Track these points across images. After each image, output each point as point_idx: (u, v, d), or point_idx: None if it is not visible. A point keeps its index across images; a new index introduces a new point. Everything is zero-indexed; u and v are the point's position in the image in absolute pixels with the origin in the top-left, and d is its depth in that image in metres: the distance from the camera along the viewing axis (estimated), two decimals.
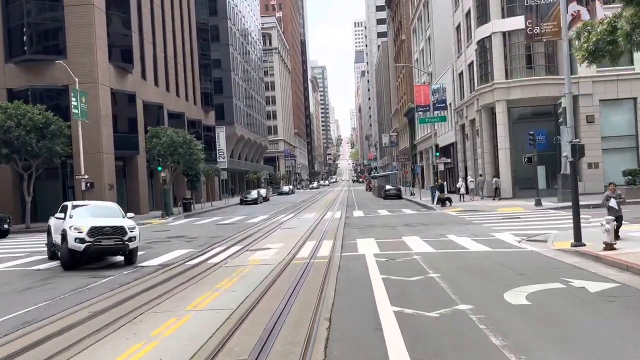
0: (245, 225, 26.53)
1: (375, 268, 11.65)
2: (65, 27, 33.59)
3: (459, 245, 15.02)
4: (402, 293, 9.08)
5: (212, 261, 14.25)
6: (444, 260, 12.51)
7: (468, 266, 11.69)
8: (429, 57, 55.74)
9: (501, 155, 33.54)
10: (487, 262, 12.17)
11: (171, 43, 48.55)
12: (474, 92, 37.05)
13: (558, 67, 32.54)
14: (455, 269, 11.37)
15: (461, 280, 10.00)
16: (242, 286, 10.36)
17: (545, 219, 21.49)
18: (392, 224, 22.61)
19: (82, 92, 30.70)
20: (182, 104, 50.09)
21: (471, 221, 22.13)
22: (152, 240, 21.05)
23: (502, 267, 11.38)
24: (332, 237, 18.40)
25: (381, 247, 15.17)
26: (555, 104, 33.22)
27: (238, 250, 16.43)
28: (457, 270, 11.21)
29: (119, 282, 11.73)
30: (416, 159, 71.24)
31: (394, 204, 39.78)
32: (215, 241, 19.42)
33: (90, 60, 33.59)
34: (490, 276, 10.37)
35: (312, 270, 11.84)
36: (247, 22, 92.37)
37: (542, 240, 15.80)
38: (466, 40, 39.94)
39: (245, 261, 13.90)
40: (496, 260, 12.30)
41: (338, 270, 11.61)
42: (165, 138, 34.51)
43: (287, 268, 12.34)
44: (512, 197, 33.10)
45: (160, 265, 14.02)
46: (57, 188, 36.14)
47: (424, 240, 16.32)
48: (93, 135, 33.37)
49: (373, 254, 13.85)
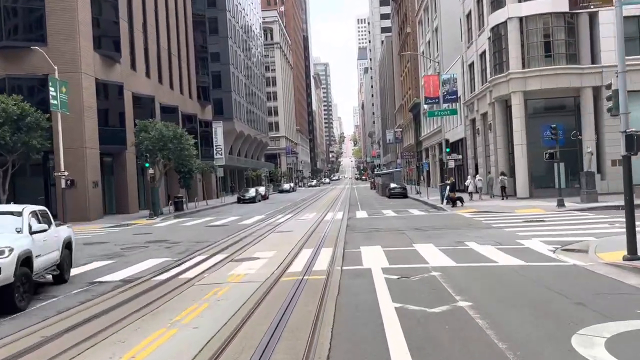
0: (238, 227, 24.05)
1: (385, 291, 9.13)
2: (46, 12, 31.04)
3: (483, 257, 12.49)
4: (425, 336, 6.55)
5: (186, 276, 11.76)
6: (470, 279, 10.00)
7: (503, 288, 9.17)
8: (435, 49, 53.10)
9: (517, 151, 30.91)
10: (526, 282, 9.64)
11: (165, 33, 46.02)
12: (487, 83, 34.43)
13: (580, 56, 29.93)
14: (488, 292, 8.85)
15: (502, 314, 7.47)
16: (209, 319, 7.85)
17: (573, 223, 18.93)
18: (400, 228, 20.09)
19: (61, 82, 28.17)
20: (176, 97, 47.58)
21: (490, 225, 19.58)
22: (128, 245, 18.58)
23: (548, 290, 8.85)
24: (332, 244, 15.90)
25: (390, 259, 12.65)
26: (575, 96, 30.63)
27: (221, 260, 13.93)
28: (491, 295, 8.68)
29: (56, 307, 9.22)
30: (421, 156, 68.67)
31: (400, 203, 37.24)
32: (199, 247, 16.94)
33: (72, 47, 31.09)
34: (538, 306, 7.84)
35: (304, 293, 9.33)
36: (248, 14, 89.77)
37: (582, 250, 13.27)
38: (478, 28, 37.31)
39: (225, 277, 11.40)
40: (535, 278, 9.77)
41: (338, 294, 9.09)
42: (154, 132, 31.99)
43: (273, 289, 9.83)
44: (528, 196, 30.51)
45: (122, 282, 11.53)
46: (38, 185, 33.72)
47: (440, 250, 13.80)
48: (75, 128, 30.93)
49: (381, 268, 11.34)
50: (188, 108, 50.76)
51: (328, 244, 15.93)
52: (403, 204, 36.35)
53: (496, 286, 9.36)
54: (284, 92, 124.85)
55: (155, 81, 42.96)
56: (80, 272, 13.06)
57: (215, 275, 11.66)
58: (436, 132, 54.17)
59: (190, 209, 38.78)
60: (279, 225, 23.82)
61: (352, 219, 25.34)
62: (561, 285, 9.10)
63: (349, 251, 14.37)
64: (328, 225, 22.66)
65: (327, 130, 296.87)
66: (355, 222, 23.53)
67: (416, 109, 69.16)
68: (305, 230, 20.55)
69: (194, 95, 53.82)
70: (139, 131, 32.64)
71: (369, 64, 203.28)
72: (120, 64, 36.01)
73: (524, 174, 30.71)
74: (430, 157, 59.99)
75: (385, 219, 24.90)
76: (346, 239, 17.12)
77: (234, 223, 26.45)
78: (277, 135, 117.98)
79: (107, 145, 34.10)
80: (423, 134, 64.70)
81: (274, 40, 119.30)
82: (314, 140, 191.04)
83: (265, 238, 18.92)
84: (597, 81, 29.66)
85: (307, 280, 10.42)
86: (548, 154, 24.96)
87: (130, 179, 36.80)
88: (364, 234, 18.71)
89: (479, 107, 37.84)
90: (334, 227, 21.36)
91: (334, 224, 23.12)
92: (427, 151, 62.80)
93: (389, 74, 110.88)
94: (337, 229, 20.47)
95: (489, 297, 8.52)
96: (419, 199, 38.68)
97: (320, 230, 20.59)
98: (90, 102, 32.05)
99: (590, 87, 29.82)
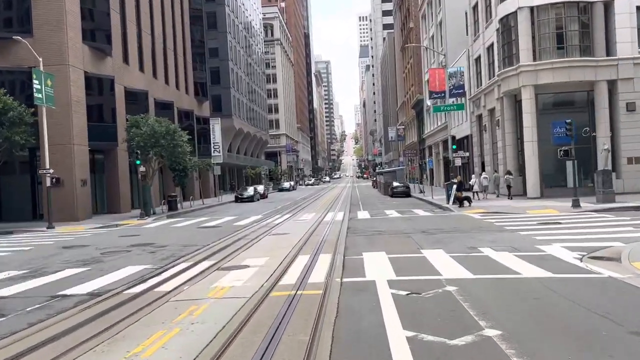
0: (232, 228, 22.54)
1: (392, 312, 7.61)
2: (31, 1, 29.51)
3: (502, 267, 10.96)
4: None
5: (163, 288, 10.25)
6: (493, 296, 8.48)
7: (535, 309, 7.63)
8: (440, 44, 51.51)
9: (527, 149, 29.32)
10: (560, 300, 8.11)
11: (160, 27, 44.47)
12: (495, 77, 32.86)
13: (594, 48, 28.32)
14: (518, 316, 7.32)
15: (543, 349, 5.93)
16: (175, 353, 6.33)
17: (593, 226, 17.39)
18: (406, 230, 18.56)
19: (46, 74, 26.72)
20: (171, 92, 46.05)
21: (502, 227, 18.04)
22: (110, 249, 17.07)
23: (590, 312, 7.32)
24: (331, 249, 14.39)
25: (397, 268, 11.13)
26: (589, 90, 29.06)
27: (207, 268, 12.42)
28: (522, 319, 7.15)
29: (6, 327, 7.72)
30: (424, 154, 67.12)
31: (403, 203, 35.72)
32: (186, 252, 15.44)
33: (59, 39, 29.55)
34: (586, 337, 6.31)
35: (296, 314, 7.81)
36: (247, 10, 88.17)
37: (612, 259, 11.75)
38: (485, 20, 35.72)
39: (207, 290, 9.88)
40: (570, 295, 8.25)
41: (336, 316, 7.56)
42: (145, 128, 30.47)
43: (260, 308, 8.30)
44: (539, 196, 28.95)
45: (88, 295, 10.02)
46: (25, 183, 32.25)
47: (452, 257, 12.27)
48: (63, 124, 29.45)
49: (387, 281, 9.82)
50: (184, 104, 49.25)
51: (327, 250, 14.41)
52: (407, 203, 34.83)
53: (525, 307, 7.82)
54: (285, 89, 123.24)
55: (150, 76, 41.43)
56: (47, 282, 11.57)
57: (196, 288, 10.15)
58: (440, 129, 52.60)
59: (185, 209, 37.28)
60: (275, 227, 22.30)
61: (354, 220, 23.82)
62: (604, 306, 7.56)
63: (350, 258, 12.85)
64: (328, 227, 21.14)
65: (328, 129, 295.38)
66: (357, 224, 22.01)
67: (419, 105, 67.58)
68: (302, 233, 19.03)
69: (190, 91, 52.29)
70: (130, 127, 31.11)
71: (370, 61, 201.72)
72: (111, 57, 34.47)
73: (534, 172, 29.13)
74: (434, 155, 58.43)
75: (388, 220, 23.36)
76: (347, 244, 15.60)
77: (229, 224, 24.95)
78: (277, 133, 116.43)
79: (97, 141, 32.60)
80: (426, 131, 63.13)
81: (274, 37, 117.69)
82: (315, 139, 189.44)
83: (259, 242, 17.40)
84: (612, 74, 28.10)
85: (301, 297, 8.90)
86: (563, 151, 23.42)
87: (122, 177, 35.29)
88: (366, 237, 17.19)
89: (486, 102, 36.27)
90: (334, 230, 19.84)
91: (334, 225, 21.60)
92: (430, 149, 61.24)
93: (391, 71, 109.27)
94: (337, 232, 18.95)
95: (520, 322, 6.99)
96: (423, 198, 37.14)
97: (319, 232, 19.07)
98: (79, 96, 30.52)
99: (605, 80, 28.24)
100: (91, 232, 24.05)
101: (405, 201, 37.66)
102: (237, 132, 74.48)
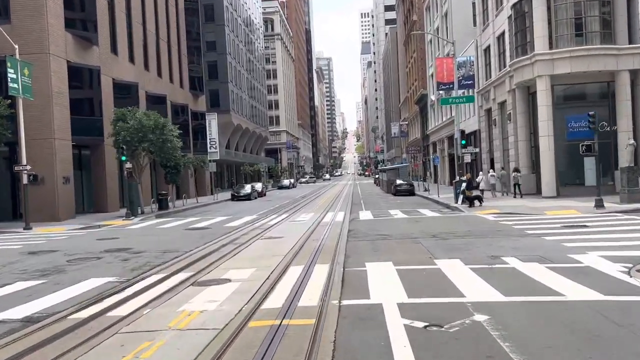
0: (222, 230, 20.54)
1: (408, 356, 5.58)
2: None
3: (538, 284, 8.93)
4: None
5: (118, 312, 8.24)
6: (538, 331, 6.45)
7: (600, 354, 5.62)
8: (445, 36, 49.38)
9: (542, 144, 27.22)
10: (628, 336, 6.08)
11: (152, 17, 42.42)
12: (507, 67, 30.76)
13: (616, 35, 26.20)
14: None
15: None
16: None
17: (624, 230, 15.36)
18: (413, 234, 16.53)
19: (23, 63, 24.68)
20: (164, 85, 44.00)
21: (523, 231, 16.00)
22: (80, 255, 15.05)
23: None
24: (329, 258, 12.37)
25: (408, 286, 9.09)
26: (609, 81, 26.97)
27: (180, 282, 10.41)
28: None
29: None
30: (428, 150, 65.08)
31: (408, 201, 33.70)
32: (163, 260, 13.44)
33: (39, 25, 27.49)
34: None
35: (278, 356, 5.79)
36: (247, 3, 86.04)
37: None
38: (495, 7, 33.61)
39: (170, 317, 7.85)
40: (639, 331, 6.24)
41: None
42: (133, 121, 28.44)
43: (231, 346, 6.28)
44: (555, 195, 26.87)
45: (22, 322, 8.00)
46: (5, 181, 30.26)
47: (473, 270, 10.24)
48: (43, 117, 27.44)
49: (397, 305, 7.80)
50: (178, 98, 47.21)
51: (324, 259, 12.39)
52: (411, 202, 32.81)
53: (586, 349, 5.78)
54: (285, 85, 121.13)
55: (141, 67, 39.39)
56: None
57: (158, 313, 8.13)
58: (445, 124, 50.52)
59: (177, 207, 35.26)
60: (269, 229, 20.27)
61: (355, 221, 21.79)
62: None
63: (351, 270, 10.83)
64: (327, 229, 19.13)
65: (329, 126, 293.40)
66: (359, 226, 19.98)
67: (422, 101, 65.51)
68: (298, 237, 17.02)
69: (185, 85, 50.24)
70: (115, 120, 29.07)
71: (372, 57, 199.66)
72: (97, 47, 32.39)
73: (550, 169, 27.04)
74: (439, 152, 56.34)
75: (393, 221, 21.31)
76: (347, 251, 13.57)
77: (219, 225, 22.94)
78: (277, 129, 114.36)
79: (82, 136, 30.56)
80: (430, 127, 61.06)
81: (274, 32, 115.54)
82: (316, 136, 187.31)
83: (247, 247, 15.38)
84: (635, 64, 26.00)
85: (287, 328, 6.89)
86: (585, 146, 21.32)
87: (109, 174, 33.26)
88: (370, 242, 15.16)
89: (496, 95, 34.18)
90: (334, 233, 17.81)
91: (334, 227, 19.58)
92: (435, 145, 59.15)
93: (394, 67, 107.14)
94: (336, 236, 16.92)
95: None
96: (429, 197, 35.08)
97: (316, 236, 17.05)
98: (61, 87, 28.47)
99: (627, 70, 26.14)
100: (70, 233, 22.06)
101: (409, 200, 35.63)
102: (236, 128, 72.46)
